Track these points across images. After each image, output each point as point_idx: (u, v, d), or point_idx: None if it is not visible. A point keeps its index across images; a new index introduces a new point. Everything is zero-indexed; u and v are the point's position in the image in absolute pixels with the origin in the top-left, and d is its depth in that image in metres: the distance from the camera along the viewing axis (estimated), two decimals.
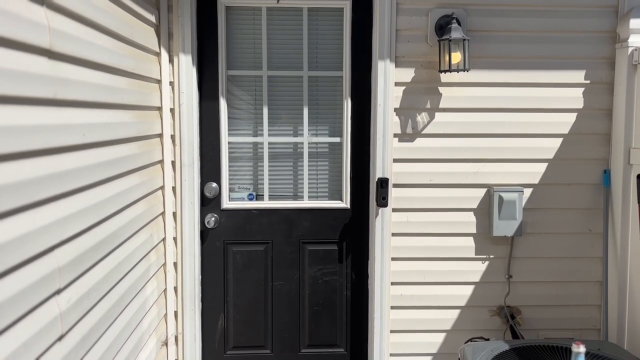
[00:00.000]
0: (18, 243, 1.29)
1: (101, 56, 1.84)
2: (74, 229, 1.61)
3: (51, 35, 1.46)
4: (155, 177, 2.59)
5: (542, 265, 2.91)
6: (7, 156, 1.25)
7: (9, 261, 1.25)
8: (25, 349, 1.32)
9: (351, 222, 2.96)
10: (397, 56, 2.77)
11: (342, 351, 3.03)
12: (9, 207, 1.26)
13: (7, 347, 1.25)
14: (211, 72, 2.83)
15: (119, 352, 2.06)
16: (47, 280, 1.44)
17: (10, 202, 1.26)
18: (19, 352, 1.30)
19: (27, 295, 1.34)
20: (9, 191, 1.25)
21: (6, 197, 1.24)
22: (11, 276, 1.27)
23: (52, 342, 1.47)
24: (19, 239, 1.30)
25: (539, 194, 2.87)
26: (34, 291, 1.37)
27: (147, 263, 2.45)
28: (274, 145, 2.92)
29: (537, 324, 2.94)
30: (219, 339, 2.97)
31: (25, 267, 1.33)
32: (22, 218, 1.31)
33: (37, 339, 1.38)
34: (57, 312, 1.51)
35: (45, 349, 1.43)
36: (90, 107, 1.76)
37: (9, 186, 1.25)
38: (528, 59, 2.80)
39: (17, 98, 1.29)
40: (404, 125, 2.80)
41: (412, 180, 2.83)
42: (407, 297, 2.90)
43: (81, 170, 1.68)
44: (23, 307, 1.32)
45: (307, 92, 2.89)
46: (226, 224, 2.91)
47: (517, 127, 2.83)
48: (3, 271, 1.23)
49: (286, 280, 2.97)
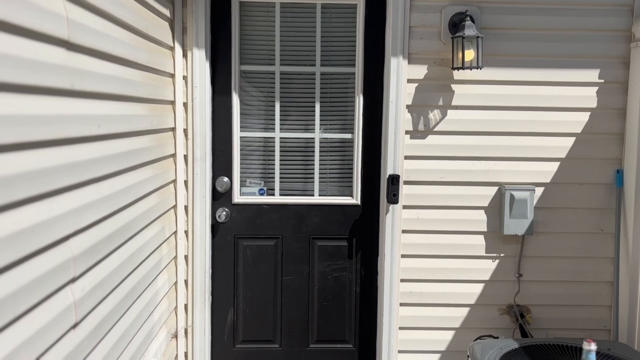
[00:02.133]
0: (35, 231, 1.31)
1: (117, 49, 1.86)
2: (88, 219, 1.63)
3: (69, 27, 1.48)
4: (167, 171, 2.61)
5: (552, 264, 2.90)
6: (26, 145, 1.26)
7: (27, 248, 1.27)
8: (41, 335, 1.34)
9: (361, 218, 2.96)
10: (410, 53, 2.77)
11: (351, 347, 3.03)
12: (26, 195, 1.27)
13: (24, 332, 1.27)
14: (224, 67, 2.85)
15: (130, 343, 2.07)
16: (62, 269, 1.46)
17: (28, 190, 1.27)
18: (36, 338, 1.32)
19: (43, 283, 1.35)
20: (26, 179, 1.27)
21: (23, 186, 1.25)
22: (28, 263, 1.28)
23: (66, 330, 1.49)
24: (36, 227, 1.31)
25: (551, 193, 2.86)
26: (50, 279, 1.39)
27: (159, 255, 2.47)
28: (285, 140, 2.93)
29: (547, 323, 2.93)
30: (228, 333, 2.99)
31: (42, 255, 1.35)
32: (38, 206, 1.33)
33: (52, 326, 1.40)
34: (72, 301, 1.52)
35: (60, 336, 1.45)
36: (106, 99, 1.78)
37: (26, 174, 1.27)
38: (542, 57, 2.79)
39: (36, 88, 1.31)
40: (416, 122, 2.80)
41: (423, 177, 2.83)
42: (417, 294, 2.91)
43: (96, 161, 1.69)
44: (39, 294, 1.34)
45: (319, 88, 2.90)
46: (237, 218, 2.93)
47: (530, 125, 2.82)
48: (20, 258, 1.25)
49: (296, 276, 2.98)
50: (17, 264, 1.24)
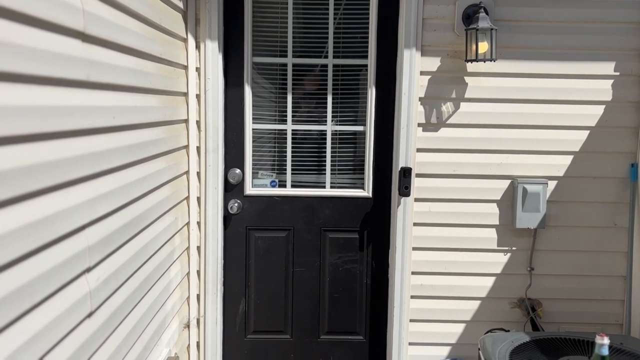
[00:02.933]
0: (52, 221, 1.33)
1: (131, 40, 1.87)
2: (103, 209, 1.65)
3: (85, 18, 1.49)
4: (180, 162, 2.62)
5: (565, 258, 2.89)
6: (42, 136, 1.28)
7: (44, 238, 1.29)
8: (57, 323, 1.36)
9: (373, 211, 2.96)
10: (423, 45, 2.75)
11: (361, 338, 3.05)
12: (43, 186, 1.29)
13: (42, 320, 1.29)
14: (236, 58, 2.85)
15: (143, 332, 2.10)
16: (78, 258, 1.48)
17: (45, 180, 1.29)
18: (52, 326, 1.34)
19: (60, 272, 1.37)
20: (43, 170, 1.28)
21: (40, 176, 1.27)
22: (46, 252, 1.30)
23: (82, 318, 1.51)
24: (53, 217, 1.33)
25: (564, 186, 2.85)
26: (67, 268, 1.41)
27: (172, 246, 2.49)
28: (297, 132, 2.94)
29: (558, 317, 2.93)
30: (239, 323, 3.01)
31: (59, 245, 1.37)
32: (54, 197, 1.35)
33: (68, 315, 1.42)
34: (87, 290, 1.54)
35: (75, 324, 1.47)
36: (120, 91, 1.79)
37: (43, 165, 1.28)
38: (556, 49, 2.76)
39: (53, 79, 1.32)
40: (429, 115, 2.79)
41: (436, 170, 2.83)
42: (428, 286, 2.91)
43: (111, 152, 1.71)
44: (56, 283, 1.36)
45: (331, 80, 2.89)
46: (249, 210, 2.94)
47: (543, 118, 2.80)
48: (38, 247, 1.26)
49: (307, 267, 2.99)
50: (35, 252, 1.26)
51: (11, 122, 1.14)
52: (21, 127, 1.18)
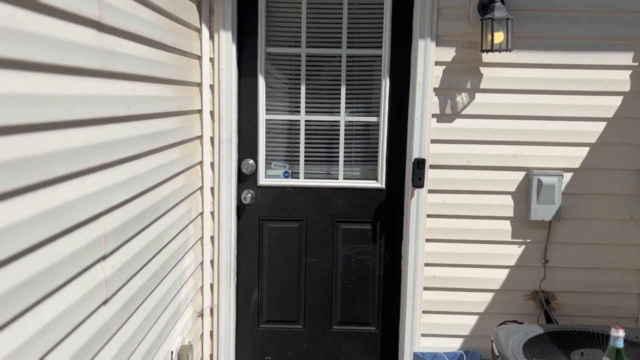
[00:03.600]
0: (68, 208, 1.34)
1: (146, 30, 1.87)
2: (118, 198, 1.66)
3: (100, 8, 1.49)
4: (194, 152, 2.64)
5: (579, 251, 2.86)
6: (58, 124, 1.29)
7: (60, 225, 1.30)
8: (74, 309, 1.38)
9: (386, 202, 2.96)
10: (438, 35, 2.73)
11: (374, 329, 3.05)
12: (60, 174, 1.30)
13: (59, 306, 1.30)
14: (250, 49, 2.85)
15: (158, 320, 2.12)
16: (93, 246, 1.49)
17: (61, 169, 1.30)
18: (69, 312, 1.35)
19: (76, 259, 1.39)
20: (59, 158, 1.29)
21: (57, 164, 1.28)
22: (62, 240, 1.32)
23: (97, 305, 1.53)
24: (69, 205, 1.34)
25: (580, 178, 2.82)
26: (83, 255, 1.43)
27: (186, 236, 2.51)
28: (310, 123, 2.93)
29: (572, 310, 2.91)
30: (252, 313, 3.03)
31: (75, 232, 1.38)
32: (71, 185, 1.36)
33: (84, 301, 1.44)
34: (103, 277, 1.56)
35: (91, 311, 1.49)
36: (135, 80, 1.80)
37: (59, 153, 1.29)
38: (573, 39, 2.72)
39: (68, 68, 1.33)
40: (443, 106, 2.77)
41: (450, 161, 2.81)
42: (441, 278, 2.90)
43: (126, 141, 1.72)
44: (72, 270, 1.37)
45: (345, 70, 2.88)
46: (262, 200, 2.95)
47: (560, 109, 2.77)
48: (55, 234, 1.28)
49: (319, 258, 3.00)
50: (53, 240, 1.27)
51: (28, 111, 1.15)
52: (37, 116, 1.19)
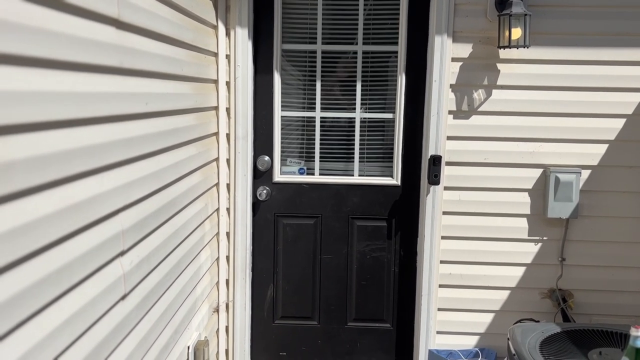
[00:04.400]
0: (87, 205, 1.36)
1: (163, 27, 1.88)
2: (137, 194, 1.68)
3: (119, 6, 1.51)
4: (210, 149, 2.65)
5: (597, 249, 2.83)
6: (78, 121, 1.30)
7: (80, 221, 1.32)
8: (93, 304, 1.40)
9: (401, 199, 2.95)
10: (454, 31, 2.71)
11: (389, 326, 3.05)
12: (80, 170, 1.32)
13: (78, 302, 1.32)
14: (266, 45, 2.85)
15: (175, 315, 2.14)
16: (112, 242, 1.51)
17: (81, 165, 1.32)
18: (88, 307, 1.37)
19: (95, 255, 1.41)
20: (79, 155, 1.31)
21: (77, 161, 1.30)
22: (82, 236, 1.33)
23: (116, 301, 1.55)
24: (88, 201, 1.36)
25: (598, 175, 2.79)
26: (102, 251, 1.44)
27: (202, 232, 2.53)
28: (325, 120, 2.93)
29: (590, 308, 2.88)
30: (267, 308, 3.04)
31: (94, 228, 1.40)
32: (90, 181, 1.38)
33: (103, 297, 1.46)
34: (121, 273, 1.58)
35: (110, 306, 1.51)
36: (153, 77, 1.81)
37: (79, 150, 1.31)
38: (592, 35, 2.69)
39: (88, 65, 1.34)
40: (460, 102, 2.76)
41: (466, 158, 2.79)
42: (456, 276, 2.89)
43: (144, 138, 1.73)
44: (92, 266, 1.39)
45: (360, 66, 2.88)
46: (277, 196, 2.96)
47: (578, 106, 2.74)
48: (74, 230, 1.30)
49: (334, 254, 3.00)
50: (73, 235, 1.29)
51: (48, 108, 1.17)
52: (58, 113, 1.21)
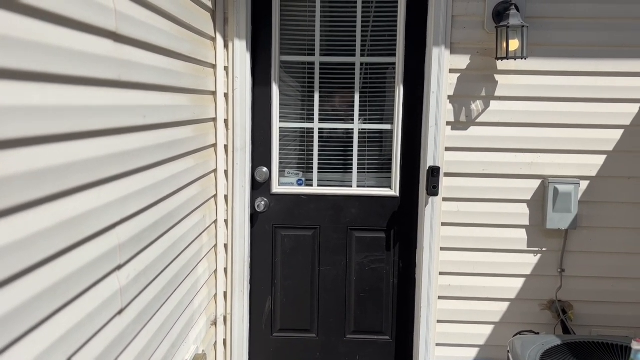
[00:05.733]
0: (83, 219, 1.34)
1: (161, 40, 1.88)
2: (134, 207, 1.67)
3: (117, 19, 1.50)
4: (208, 161, 2.64)
5: (597, 260, 2.82)
6: (75, 135, 1.29)
7: (76, 236, 1.31)
8: (89, 319, 1.38)
9: (400, 210, 2.94)
10: (452, 43, 2.72)
11: (388, 338, 3.03)
12: (77, 184, 1.31)
13: (74, 317, 1.31)
14: (264, 57, 2.85)
15: (172, 329, 2.12)
16: (109, 256, 1.50)
17: (78, 179, 1.31)
18: (84, 323, 1.36)
19: (92, 269, 1.39)
20: (76, 169, 1.30)
21: (74, 175, 1.29)
22: (78, 250, 1.32)
23: (113, 315, 1.53)
24: (85, 215, 1.35)
25: (597, 186, 2.78)
26: (98, 265, 1.43)
27: (200, 244, 2.51)
28: (324, 131, 2.93)
29: (590, 320, 2.86)
30: (266, 321, 3.02)
31: (91, 242, 1.39)
32: (87, 195, 1.37)
33: (99, 311, 1.44)
34: (118, 287, 1.56)
35: (107, 321, 1.49)
36: (151, 90, 1.80)
37: (76, 164, 1.30)
38: (589, 47, 2.70)
39: (85, 79, 1.34)
40: (458, 113, 2.76)
41: (465, 169, 2.79)
42: (456, 287, 2.87)
43: (141, 150, 1.73)
44: (88, 280, 1.37)
45: (359, 78, 2.88)
46: (275, 208, 2.95)
47: (576, 117, 2.74)
48: (71, 245, 1.28)
49: (333, 266, 2.99)
50: (68, 250, 1.28)
51: (46, 122, 1.16)
52: (55, 127, 1.20)
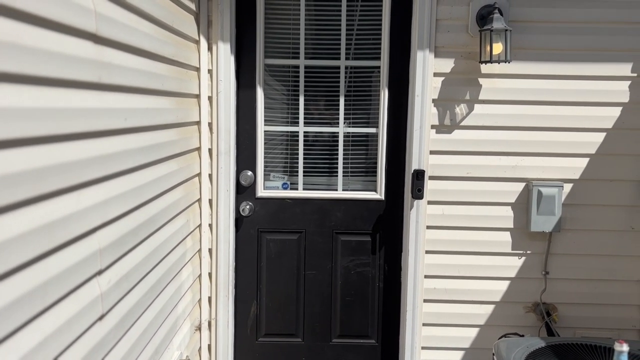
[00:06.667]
0: (63, 223, 1.32)
1: (143, 42, 1.86)
2: (115, 211, 1.64)
3: (97, 20, 1.48)
4: (192, 164, 2.62)
5: (580, 262, 2.84)
6: (54, 138, 1.27)
7: (55, 240, 1.28)
8: (68, 326, 1.36)
9: (385, 213, 2.94)
10: (436, 46, 2.73)
11: (374, 342, 3.02)
12: (55, 188, 1.28)
13: (52, 323, 1.28)
14: (249, 60, 2.84)
15: (155, 334, 2.09)
16: (89, 261, 1.47)
17: (56, 183, 1.28)
18: (63, 329, 1.33)
19: (71, 274, 1.37)
20: (55, 172, 1.28)
21: (52, 178, 1.26)
22: (57, 255, 1.30)
23: (93, 321, 1.50)
24: (64, 219, 1.33)
25: (580, 189, 2.80)
26: (78, 271, 1.40)
27: (184, 248, 2.48)
28: (309, 134, 2.92)
29: (574, 322, 2.88)
30: (251, 326, 3.00)
31: (70, 247, 1.36)
32: (66, 199, 1.34)
33: (79, 318, 1.42)
34: (98, 293, 1.54)
35: (87, 327, 1.46)
36: (132, 92, 1.78)
37: (54, 167, 1.27)
38: (572, 50, 2.72)
39: (65, 81, 1.32)
40: (442, 117, 2.76)
41: (449, 172, 2.80)
42: (441, 290, 2.88)
43: (123, 154, 1.70)
44: (67, 286, 1.35)
45: (344, 81, 2.88)
46: (260, 212, 2.93)
47: (559, 120, 2.76)
48: (50, 249, 1.26)
49: (319, 270, 2.97)
50: (47, 255, 1.25)
51: (23, 125, 1.14)
52: (33, 129, 1.18)
